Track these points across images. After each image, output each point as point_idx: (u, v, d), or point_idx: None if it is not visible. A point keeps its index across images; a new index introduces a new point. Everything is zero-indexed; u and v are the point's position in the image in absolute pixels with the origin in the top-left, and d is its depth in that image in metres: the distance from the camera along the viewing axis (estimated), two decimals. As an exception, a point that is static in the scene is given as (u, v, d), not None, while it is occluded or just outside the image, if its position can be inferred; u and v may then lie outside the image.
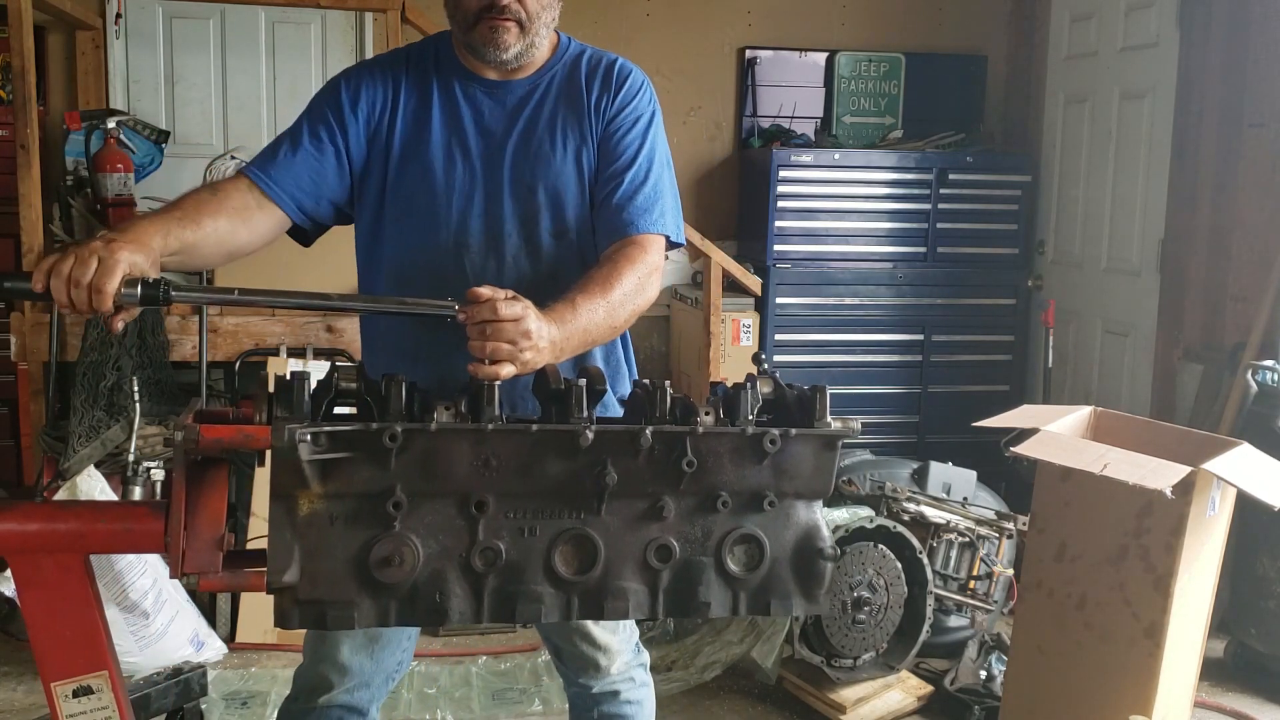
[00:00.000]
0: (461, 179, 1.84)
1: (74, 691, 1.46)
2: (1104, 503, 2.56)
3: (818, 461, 1.46)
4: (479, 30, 1.79)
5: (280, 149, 1.82)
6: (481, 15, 1.78)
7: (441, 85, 1.87)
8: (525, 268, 1.85)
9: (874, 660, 3.14)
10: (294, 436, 1.29)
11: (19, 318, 3.55)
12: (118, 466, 3.29)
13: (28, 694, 3.09)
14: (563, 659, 2.05)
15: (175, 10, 4.63)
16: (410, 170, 1.84)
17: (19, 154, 3.52)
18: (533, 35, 1.82)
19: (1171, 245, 4.18)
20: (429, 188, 1.84)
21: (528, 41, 1.82)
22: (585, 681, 2.04)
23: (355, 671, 1.94)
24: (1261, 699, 3.27)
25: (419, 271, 1.84)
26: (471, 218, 1.84)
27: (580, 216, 1.88)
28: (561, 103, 1.89)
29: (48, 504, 1.47)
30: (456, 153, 1.85)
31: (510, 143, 1.86)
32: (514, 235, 1.85)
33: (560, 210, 1.86)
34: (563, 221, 1.87)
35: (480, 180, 1.84)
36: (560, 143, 1.87)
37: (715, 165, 5.10)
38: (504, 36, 1.79)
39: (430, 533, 1.38)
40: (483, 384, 1.39)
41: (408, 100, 1.86)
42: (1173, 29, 4.19)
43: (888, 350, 4.76)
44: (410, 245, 1.85)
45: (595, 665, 2.01)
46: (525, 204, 1.85)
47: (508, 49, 1.81)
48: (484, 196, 1.84)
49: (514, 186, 1.85)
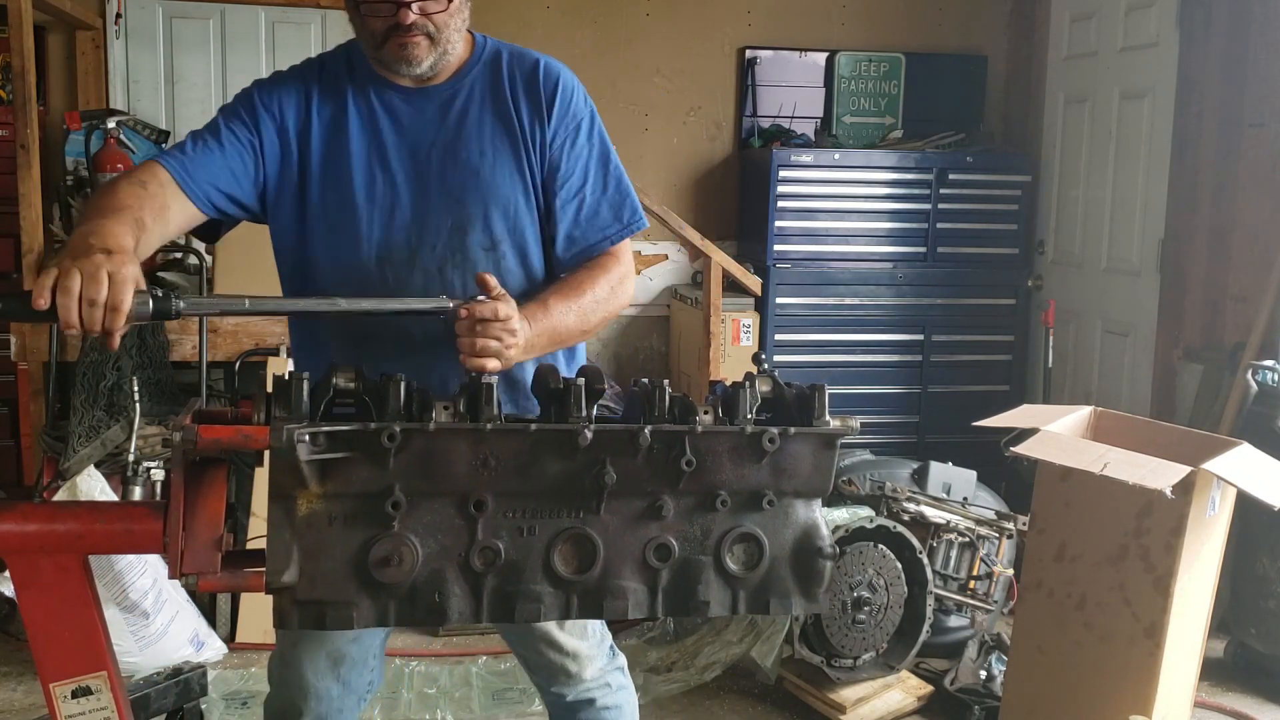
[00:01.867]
0: (382, 191, 1.78)
1: (73, 692, 1.45)
2: (1104, 503, 2.56)
3: (816, 460, 1.46)
4: (388, 48, 1.75)
5: (196, 144, 1.75)
6: (389, 34, 1.73)
7: (357, 93, 1.82)
8: (452, 280, 1.78)
9: (874, 660, 3.14)
10: (292, 436, 1.29)
11: (19, 318, 3.55)
12: (118, 466, 3.29)
13: (28, 694, 3.08)
14: (532, 669, 1.99)
15: (175, 10, 4.63)
16: (329, 182, 1.79)
17: (19, 154, 3.52)
18: (444, 44, 1.77)
19: (1171, 245, 4.18)
20: (348, 200, 1.78)
21: (440, 51, 1.77)
22: (559, 690, 1.97)
23: (323, 695, 1.92)
24: (1261, 699, 3.26)
25: (341, 283, 1.77)
26: (394, 230, 1.78)
27: (514, 229, 1.82)
28: (488, 109, 1.83)
29: (46, 504, 1.46)
30: (375, 164, 1.79)
31: (434, 153, 1.80)
32: (438, 247, 1.79)
33: (489, 223, 1.80)
34: (491, 234, 1.81)
35: (402, 192, 1.79)
36: (490, 152, 1.81)
37: (715, 165, 5.09)
38: (414, 51, 1.74)
39: (429, 532, 1.38)
40: (480, 384, 1.39)
41: (322, 110, 1.81)
42: (1173, 29, 4.19)
43: (888, 350, 4.75)
44: (332, 257, 1.79)
45: (566, 673, 1.94)
46: (453, 216, 1.79)
47: (420, 63, 1.76)
48: (407, 208, 1.79)
49: (441, 199, 1.79)
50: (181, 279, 3.81)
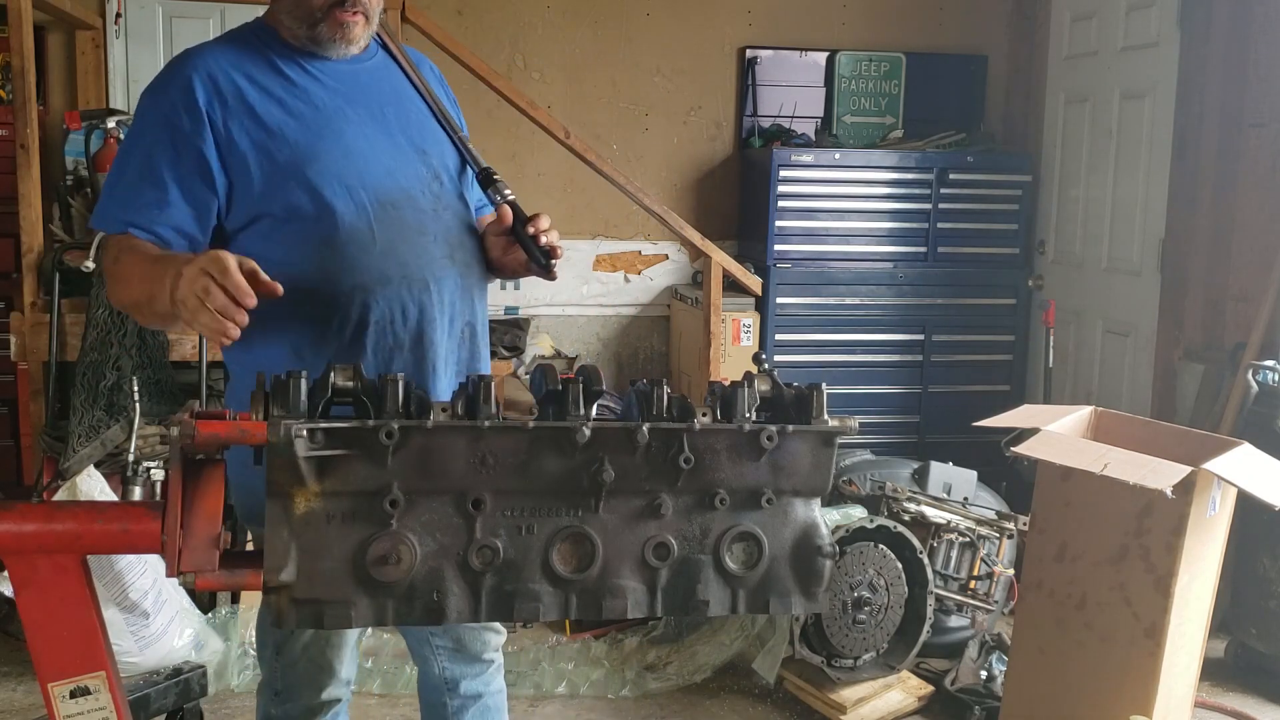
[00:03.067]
0: (361, 146, 1.78)
1: (71, 692, 1.45)
2: (1104, 503, 2.55)
3: (815, 458, 1.45)
4: (327, 25, 1.76)
5: (148, 193, 1.69)
6: (331, 8, 1.75)
7: (289, 65, 1.79)
8: (447, 221, 1.85)
9: (874, 660, 3.14)
10: (290, 433, 1.29)
11: (19, 317, 3.55)
12: (117, 466, 3.29)
13: (27, 694, 3.08)
14: (464, 644, 2.03)
15: (175, 10, 4.63)
16: (308, 147, 1.74)
17: (19, 154, 3.51)
18: (373, 24, 1.83)
19: (1172, 245, 4.17)
20: (334, 156, 1.75)
21: (370, 30, 1.83)
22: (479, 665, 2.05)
23: (348, 680, 2.00)
24: (1262, 699, 3.26)
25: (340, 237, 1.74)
26: (380, 177, 1.78)
27: (462, 181, 1.92)
28: (402, 78, 1.90)
29: (45, 504, 1.46)
30: (345, 124, 1.78)
31: (388, 111, 1.84)
32: (427, 193, 1.83)
33: (451, 173, 1.89)
34: (455, 183, 1.89)
35: (379, 145, 1.80)
36: (424, 115, 1.90)
37: (715, 165, 5.09)
38: (354, 30, 1.78)
39: (427, 531, 1.38)
40: (478, 383, 1.38)
41: (265, 87, 1.76)
42: (1173, 29, 4.18)
43: (888, 350, 4.75)
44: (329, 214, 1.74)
45: (492, 647, 2.06)
46: (426, 165, 1.85)
47: (356, 41, 1.80)
48: (387, 158, 1.80)
49: (411, 151, 1.84)
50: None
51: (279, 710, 1.98)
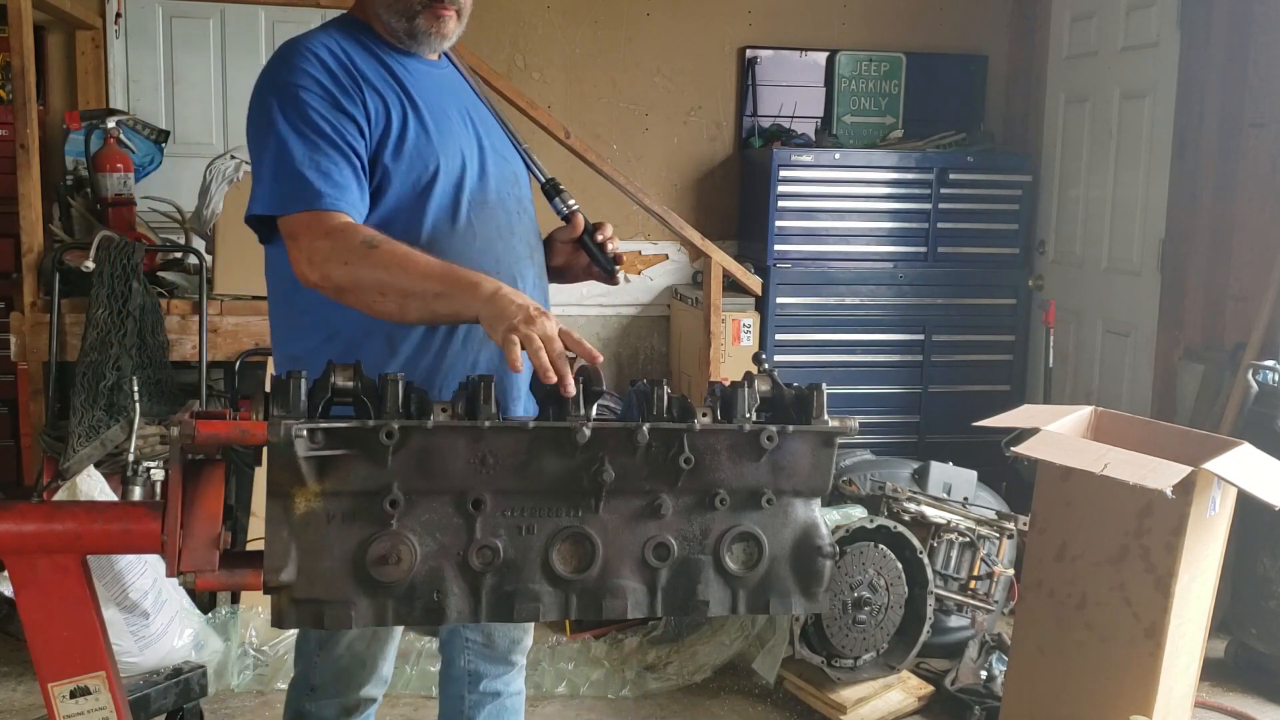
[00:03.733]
0: (454, 146, 1.81)
1: (71, 692, 1.45)
2: (1104, 503, 2.55)
3: (815, 459, 1.46)
4: (424, 18, 1.81)
5: (339, 169, 1.68)
6: (430, 3, 1.80)
7: (385, 60, 1.82)
8: (523, 222, 1.91)
9: (874, 660, 3.14)
10: (290, 432, 1.29)
11: (19, 317, 3.55)
12: (117, 466, 3.29)
13: (27, 694, 3.08)
14: (494, 642, 2.08)
15: (175, 10, 4.63)
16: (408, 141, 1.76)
17: (19, 154, 3.51)
18: (463, 24, 1.88)
19: (1172, 245, 4.17)
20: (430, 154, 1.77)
21: (460, 29, 1.88)
22: (505, 666, 2.11)
23: (387, 679, 2.02)
24: (1262, 699, 3.26)
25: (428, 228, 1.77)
26: (470, 175, 1.82)
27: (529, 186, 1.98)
28: (469, 86, 1.97)
29: (44, 504, 1.46)
30: (440, 121, 1.81)
31: (471, 115, 1.89)
32: (510, 195, 1.89)
33: (524, 178, 1.96)
34: (526, 189, 1.96)
35: (469, 145, 1.84)
36: (494, 120, 1.96)
37: (715, 165, 5.09)
38: (447, 26, 1.83)
39: (427, 531, 1.38)
40: (479, 383, 1.38)
41: (375, 77, 1.78)
42: (1173, 29, 4.18)
43: (888, 350, 4.75)
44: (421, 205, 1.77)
45: (522, 648, 2.12)
46: (510, 167, 1.92)
47: (448, 38, 1.86)
48: (476, 159, 1.85)
49: (494, 154, 1.89)
50: (182, 279, 3.81)
51: (314, 706, 1.97)
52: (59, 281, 3.48)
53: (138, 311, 3.43)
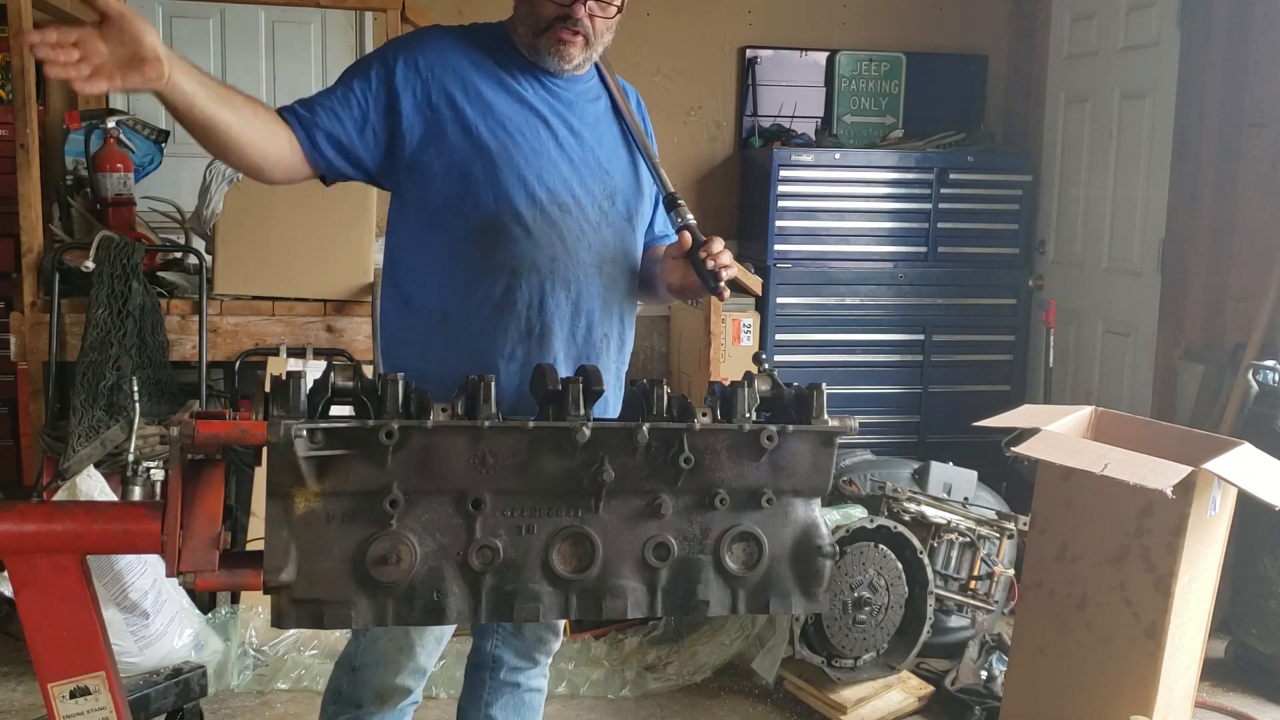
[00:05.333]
0: (546, 147, 1.92)
1: (71, 692, 1.45)
2: (1105, 503, 2.55)
3: (815, 458, 1.46)
4: (547, 37, 1.89)
5: (326, 108, 1.85)
6: (555, 23, 1.88)
7: (509, 64, 1.94)
8: (605, 234, 1.97)
9: (875, 660, 3.14)
10: (290, 432, 1.29)
11: (19, 317, 3.55)
12: (117, 466, 3.29)
13: (27, 694, 3.08)
14: (523, 634, 2.14)
15: (175, 10, 4.63)
16: (492, 135, 1.88)
17: (19, 154, 3.51)
18: (594, 48, 1.94)
19: (1172, 245, 4.17)
20: (513, 150, 1.89)
21: (589, 54, 1.95)
22: (529, 663, 2.18)
23: (426, 672, 2.03)
24: (1262, 699, 3.26)
25: (499, 223, 1.88)
26: (557, 180, 1.91)
27: (640, 213, 2.06)
28: (614, 110, 2.06)
29: (44, 504, 1.46)
30: (539, 125, 1.92)
31: (584, 130, 1.97)
32: (596, 205, 1.96)
33: (627, 198, 2.02)
34: (628, 208, 2.02)
35: (566, 151, 1.94)
36: (623, 145, 2.04)
37: (716, 165, 5.09)
38: (570, 49, 1.91)
39: (427, 531, 1.38)
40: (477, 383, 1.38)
41: (480, 71, 1.92)
42: (1173, 29, 4.18)
43: (888, 350, 4.75)
44: (493, 199, 1.88)
45: (548, 650, 2.17)
46: (603, 183, 1.98)
47: (571, 60, 1.92)
48: (566, 166, 1.93)
49: (594, 167, 1.97)
50: (182, 279, 3.80)
51: (350, 686, 2.01)
52: (59, 281, 3.48)
53: (138, 311, 3.43)
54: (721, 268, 1.90)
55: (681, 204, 1.99)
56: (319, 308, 3.66)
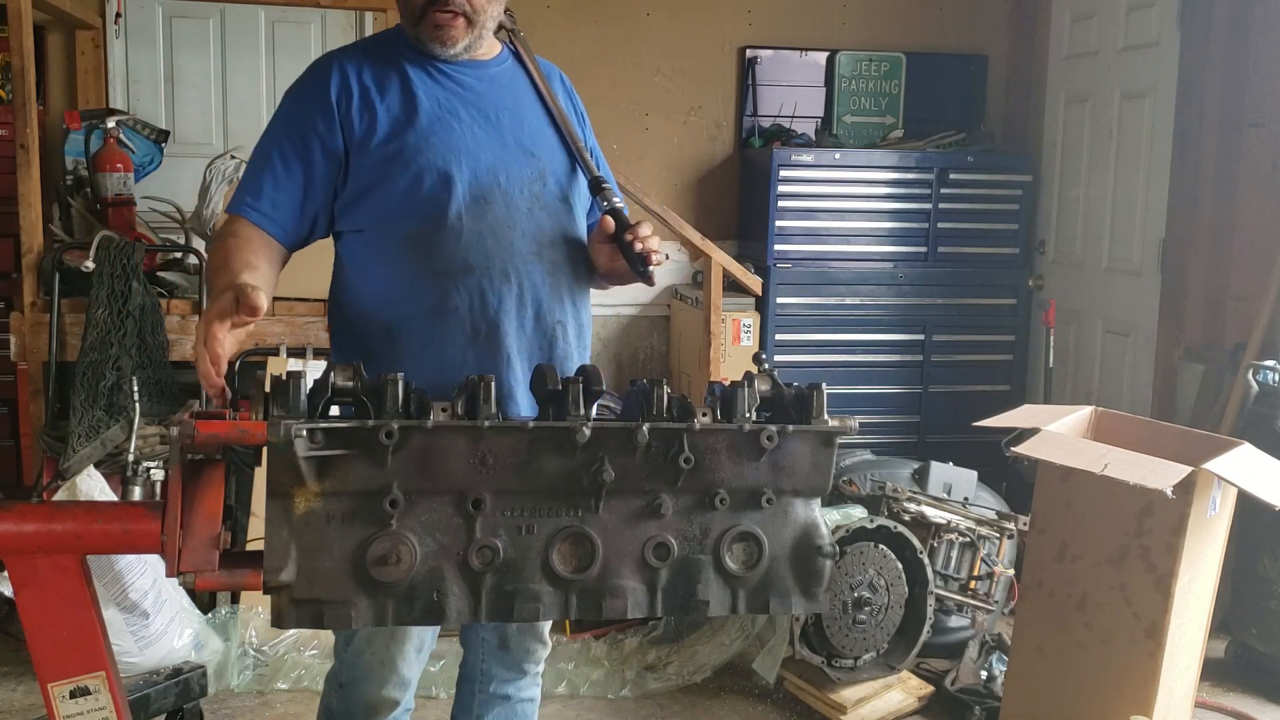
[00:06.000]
0: (465, 141, 1.87)
1: (71, 692, 1.45)
2: (1105, 503, 2.55)
3: (815, 458, 1.45)
4: (425, 25, 1.85)
5: (265, 180, 1.84)
6: (427, 8, 1.83)
7: (414, 64, 1.90)
8: (540, 221, 1.91)
9: (875, 660, 3.14)
10: (290, 432, 1.29)
11: (19, 317, 3.55)
12: (117, 466, 3.29)
13: (27, 694, 3.08)
14: (510, 647, 2.10)
15: (175, 10, 4.63)
16: (411, 138, 1.85)
17: (19, 154, 3.51)
18: (479, 28, 1.88)
19: (1172, 245, 4.17)
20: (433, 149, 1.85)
21: (475, 35, 1.88)
22: (518, 673, 2.13)
23: (411, 683, 2.01)
24: (1262, 699, 3.26)
25: (433, 222, 1.85)
26: (481, 172, 1.87)
27: (575, 191, 1.99)
28: (531, 89, 2.00)
29: (44, 504, 1.46)
30: (453, 120, 1.88)
31: (503, 114, 1.92)
32: (525, 191, 1.90)
33: (559, 178, 1.96)
34: (561, 188, 1.96)
35: (484, 141, 1.89)
36: (546, 123, 1.98)
37: (715, 165, 5.09)
38: (451, 32, 1.85)
39: (427, 531, 1.38)
40: (477, 383, 1.38)
41: (384, 83, 1.88)
42: (1173, 29, 4.18)
43: (888, 350, 4.75)
44: (422, 202, 1.84)
45: (536, 658, 2.13)
46: (530, 166, 1.92)
47: (455, 43, 1.87)
48: (491, 155, 1.89)
49: (518, 151, 1.91)
50: (182, 279, 3.81)
51: (340, 703, 2.00)
52: (59, 281, 3.48)
53: (138, 311, 3.43)
54: (650, 251, 1.84)
55: (607, 187, 1.94)
56: (319, 308, 3.66)
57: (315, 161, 1.84)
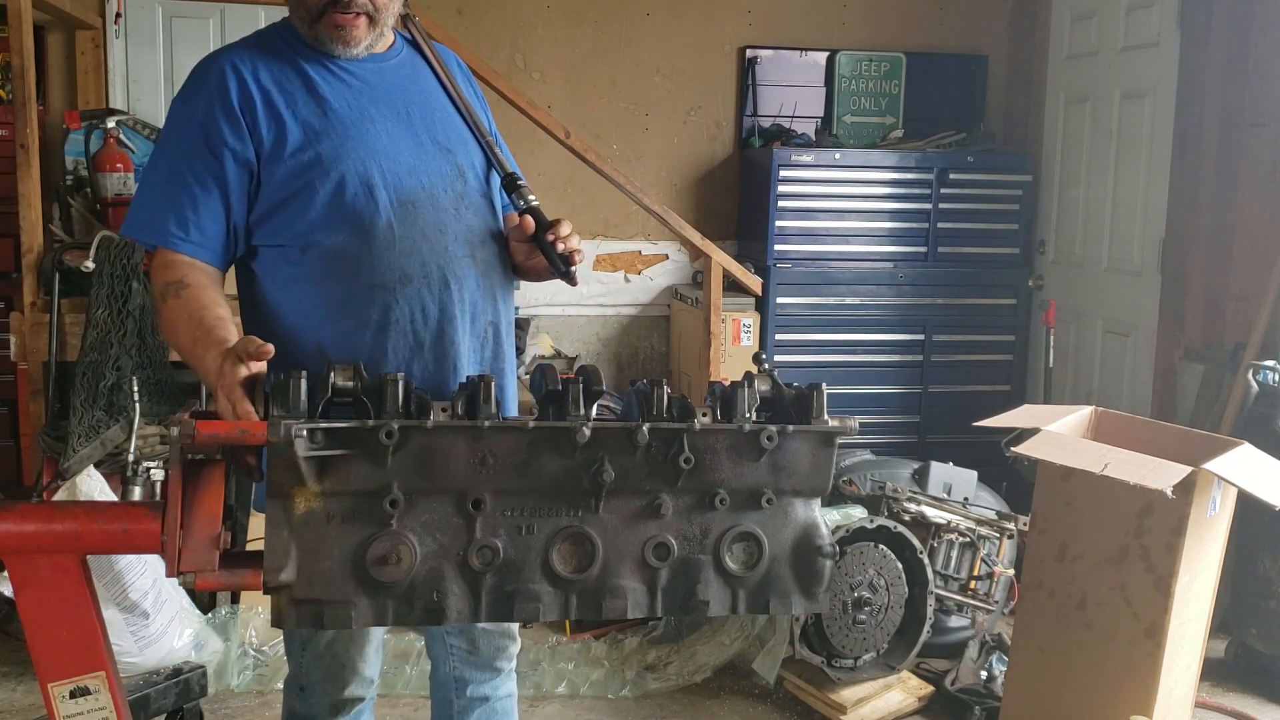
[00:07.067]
0: (382, 143, 1.77)
1: (71, 692, 1.45)
2: (1105, 503, 2.55)
3: (815, 458, 1.46)
4: (323, 25, 1.74)
5: (185, 205, 1.70)
6: (326, 9, 1.73)
7: (311, 63, 1.79)
8: (468, 220, 1.84)
9: (875, 660, 3.14)
10: (290, 432, 1.29)
11: (19, 317, 3.55)
12: (117, 466, 3.29)
13: (27, 694, 3.08)
14: (479, 648, 2.05)
15: (175, 10, 4.63)
16: (326, 145, 1.74)
17: (19, 154, 3.51)
18: (381, 26, 1.79)
19: (1172, 245, 4.17)
20: (351, 156, 1.74)
21: (376, 33, 1.79)
22: (491, 672, 2.08)
23: (374, 677, 2.00)
24: (1262, 699, 3.26)
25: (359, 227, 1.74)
26: (402, 175, 1.78)
27: (490, 182, 1.91)
28: (431, 78, 1.90)
29: (44, 504, 1.46)
30: (365, 121, 1.78)
31: (412, 110, 1.83)
32: (449, 191, 1.82)
33: (477, 172, 1.88)
34: (481, 182, 1.89)
35: (400, 142, 1.79)
36: (452, 115, 1.89)
37: (715, 165, 5.09)
38: (354, 33, 1.75)
39: (427, 531, 1.38)
40: (477, 383, 1.38)
41: (286, 86, 1.76)
42: (1173, 28, 4.18)
43: (888, 350, 4.75)
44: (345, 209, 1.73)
45: (509, 656, 2.08)
46: (449, 163, 1.84)
47: (357, 44, 1.77)
48: (408, 157, 1.80)
49: (434, 149, 1.83)
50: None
51: (303, 706, 1.98)
52: (59, 281, 3.48)
53: (138, 311, 3.43)
54: (572, 251, 1.78)
55: (523, 184, 1.86)
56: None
57: (229, 175, 1.70)
